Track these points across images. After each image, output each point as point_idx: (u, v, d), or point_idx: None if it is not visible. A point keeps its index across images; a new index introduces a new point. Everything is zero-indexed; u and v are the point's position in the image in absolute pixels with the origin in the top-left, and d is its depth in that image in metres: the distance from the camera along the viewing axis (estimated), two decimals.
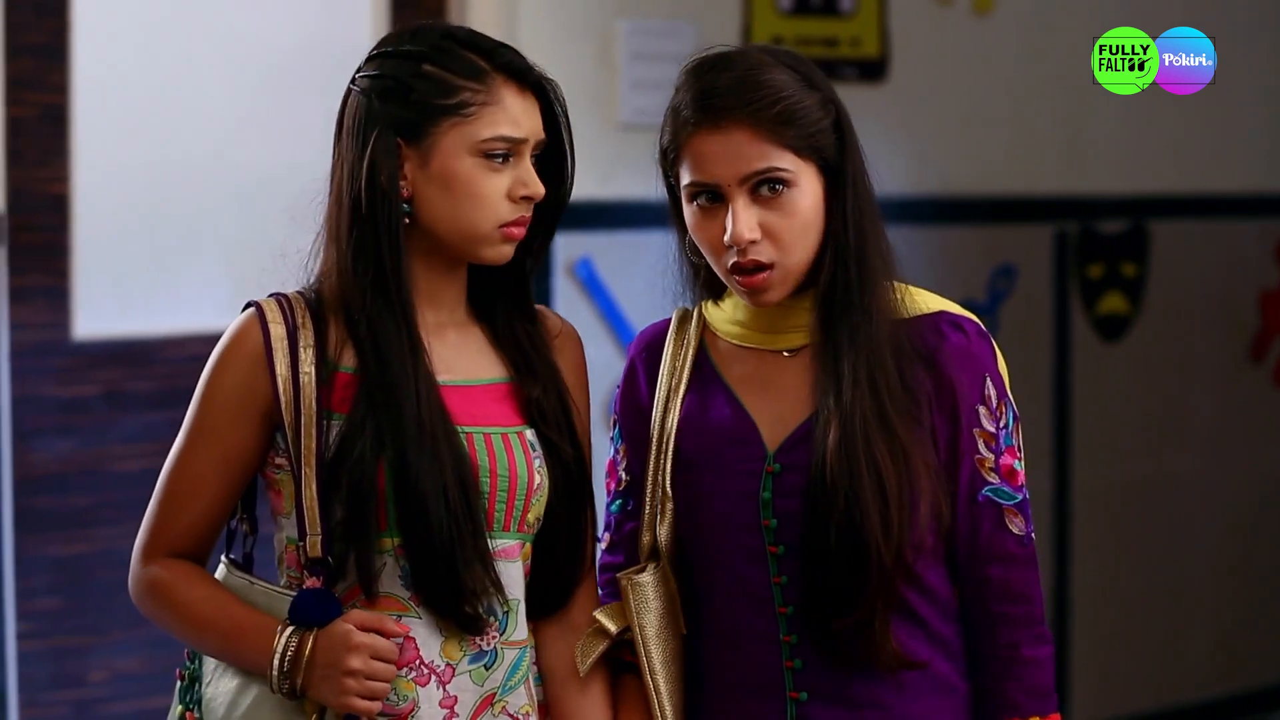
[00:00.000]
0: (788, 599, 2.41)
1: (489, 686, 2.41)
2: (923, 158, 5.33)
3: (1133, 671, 5.82)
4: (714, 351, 2.51)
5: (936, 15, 5.33)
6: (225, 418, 2.39)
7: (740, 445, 2.44)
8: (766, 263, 2.39)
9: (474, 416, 2.41)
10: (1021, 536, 2.43)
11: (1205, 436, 5.95)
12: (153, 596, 2.42)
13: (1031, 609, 2.44)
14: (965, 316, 2.46)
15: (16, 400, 4.27)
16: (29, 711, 4.31)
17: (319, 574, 2.34)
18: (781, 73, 2.40)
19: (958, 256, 5.39)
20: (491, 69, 2.39)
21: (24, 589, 4.25)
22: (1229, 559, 6.02)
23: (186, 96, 4.46)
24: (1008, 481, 2.43)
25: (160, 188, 4.44)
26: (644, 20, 4.81)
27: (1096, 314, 5.68)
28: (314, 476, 2.34)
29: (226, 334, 2.41)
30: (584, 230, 4.73)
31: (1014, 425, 2.44)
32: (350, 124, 2.40)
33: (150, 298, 4.41)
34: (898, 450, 2.36)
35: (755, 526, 2.42)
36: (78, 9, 4.32)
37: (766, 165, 2.37)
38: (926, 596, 2.43)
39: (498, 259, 2.42)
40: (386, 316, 2.36)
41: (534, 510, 2.43)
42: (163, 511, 2.43)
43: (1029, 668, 2.44)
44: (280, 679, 2.32)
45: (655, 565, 2.48)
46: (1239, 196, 5.98)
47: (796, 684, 2.42)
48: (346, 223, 2.38)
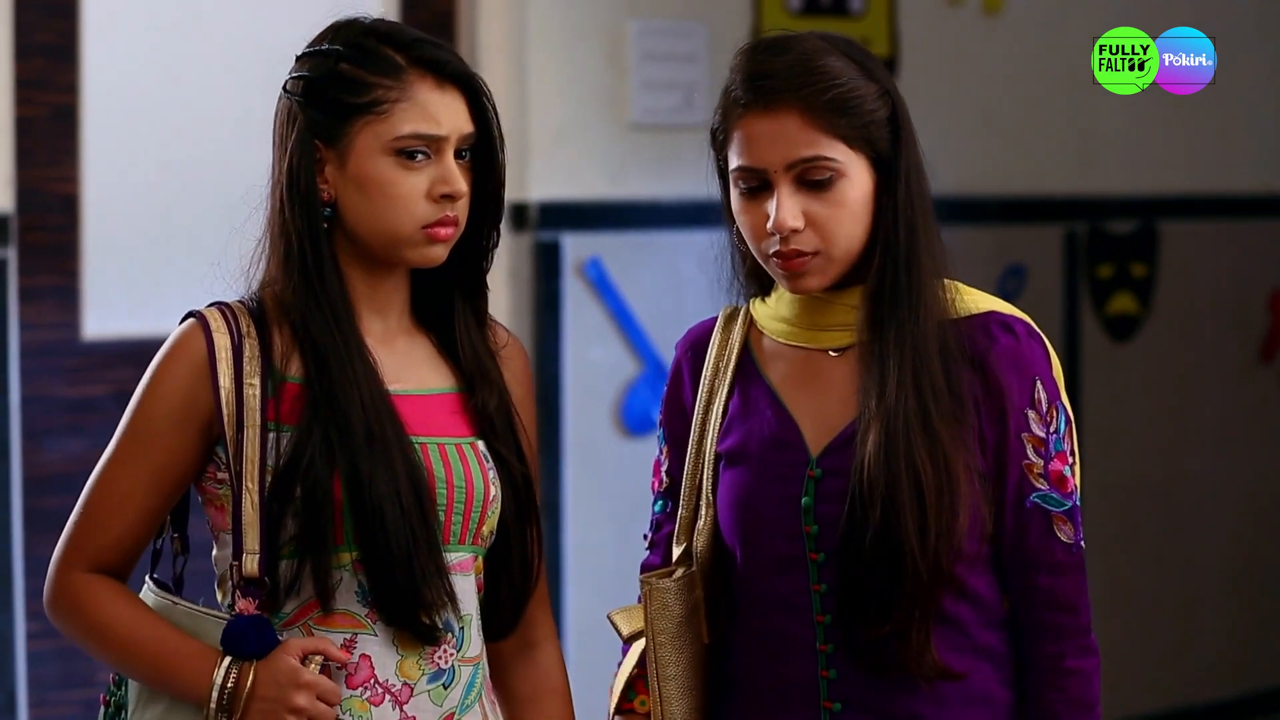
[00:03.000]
0: (826, 607, 2.35)
1: (448, 706, 2.33)
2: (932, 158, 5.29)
3: (1142, 671, 5.82)
4: (758, 350, 2.45)
5: (946, 15, 5.33)
6: (161, 428, 2.30)
7: (782, 449, 2.38)
8: (809, 251, 2.34)
9: (426, 426, 2.33)
10: (1070, 544, 2.36)
11: (1215, 437, 5.94)
12: (74, 611, 2.31)
13: (1078, 619, 2.37)
14: (1016, 317, 2.39)
15: (26, 400, 4.27)
16: (38, 711, 4.31)
17: (254, 595, 2.26)
18: (839, 60, 2.34)
19: (967, 256, 5.35)
20: (407, 64, 2.30)
21: (33, 589, 4.26)
22: (1238, 559, 6.02)
23: (196, 97, 4.46)
24: (1057, 488, 2.36)
25: (170, 188, 4.44)
26: (654, 20, 4.80)
27: (1106, 314, 5.68)
28: (255, 490, 2.26)
29: (167, 343, 2.33)
30: (594, 230, 4.73)
31: (1066, 430, 2.37)
32: (276, 127, 2.36)
33: (160, 298, 4.41)
34: (939, 455, 2.30)
35: (796, 532, 2.36)
36: (87, 9, 4.32)
37: (815, 153, 2.32)
38: (970, 603, 2.37)
39: (425, 261, 2.33)
40: (320, 323, 2.29)
41: (488, 523, 2.36)
42: (88, 522, 2.31)
43: (1072, 678, 2.36)
44: (218, 712, 2.23)
45: (686, 569, 2.42)
46: (1249, 197, 5.97)
47: (831, 694, 2.36)
48: (277, 228, 2.33)
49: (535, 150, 4.64)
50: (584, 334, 4.75)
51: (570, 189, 4.68)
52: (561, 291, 4.69)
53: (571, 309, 4.71)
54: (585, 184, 4.76)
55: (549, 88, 4.69)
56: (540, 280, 4.67)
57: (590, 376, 4.73)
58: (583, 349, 4.75)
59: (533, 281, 4.67)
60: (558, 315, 4.69)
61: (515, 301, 4.66)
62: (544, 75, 4.70)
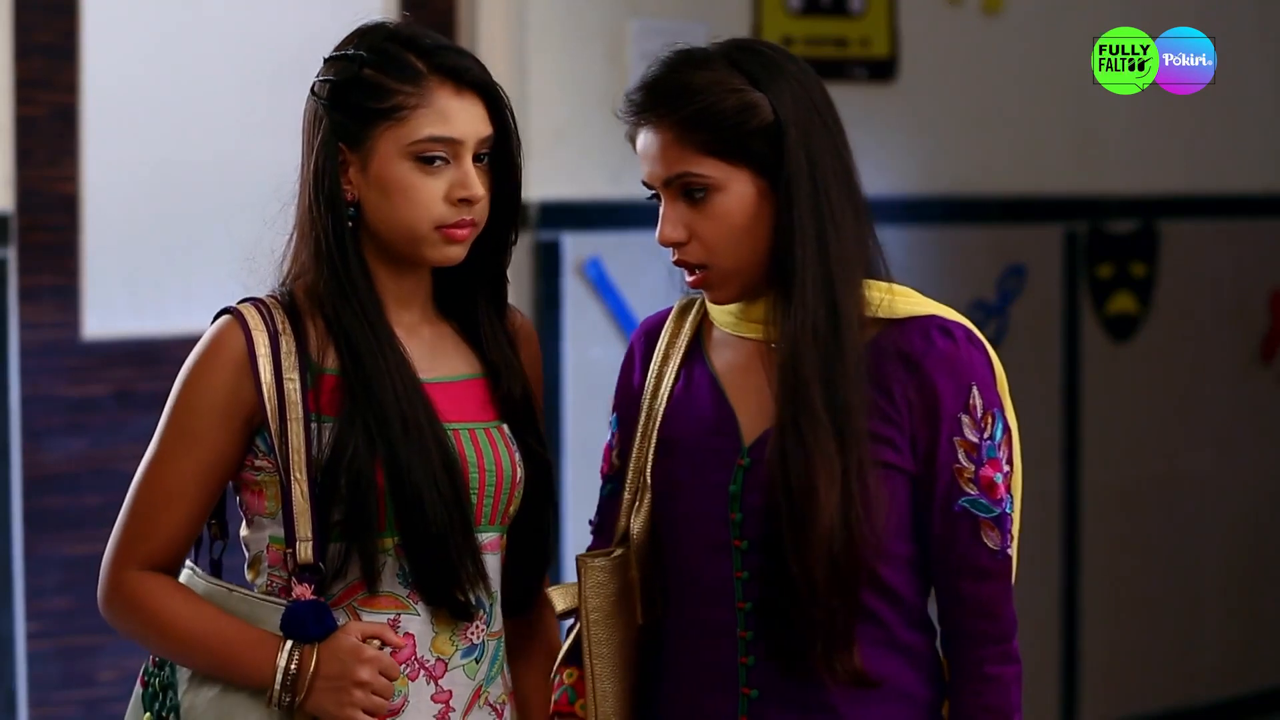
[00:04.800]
0: (747, 594, 2.38)
1: (478, 679, 2.42)
2: (932, 158, 5.33)
3: (1143, 672, 5.82)
4: (708, 340, 2.49)
5: (946, 15, 5.33)
6: (207, 424, 2.36)
7: (718, 436, 2.42)
8: (696, 264, 2.38)
9: (457, 413, 2.42)
10: (996, 551, 2.37)
11: (1215, 437, 5.94)
12: (132, 610, 2.38)
13: (1000, 626, 2.38)
14: (957, 322, 2.40)
15: (27, 400, 4.27)
16: (38, 711, 4.31)
17: (309, 581, 2.33)
18: (713, 73, 2.36)
19: (967, 256, 5.38)
20: (428, 70, 2.37)
21: (34, 588, 4.26)
22: (1239, 559, 6.02)
23: (196, 96, 4.46)
24: (986, 494, 2.36)
25: (170, 187, 4.44)
26: (655, 20, 4.81)
27: (1106, 314, 5.68)
28: (305, 480, 2.33)
29: (205, 341, 2.39)
30: (594, 230, 4.73)
31: (1004, 438, 2.38)
32: (304, 128, 2.42)
33: (160, 297, 4.41)
34: (850, 453, 2.32)
35: (724, 519, 2.39)
36: (87, 9, 4.32)
37: (683, 170, 2.35)
38: (890, 601, 2.39)
39: (444, 260, 2.40)
40: (351, 316, 2.36)
41: (515, 503, 2.45)
42: (139, 522, 2.38)
43: (990, 684, 2.38)
44: (282, 693, 2.31)
45: (623, 550, 2.47)
46: (1249, 196, 5.97)
47: (750, 680, 2.40)
48: (306, 225, 2.40)
49: (535, 150, 4.64)
50: (584, 334, 4.75)
51: (570, 189, 4.68)
52: (561, 291, 4.69)
53: (571, 309, 4.71)
54: (585, 184, 4.76)
55: (549, 88, 4.69)
56: (540, 280, 4.68)
57: (590, 376, 4.73)
58: (583, 349, 4.75)
59: (533, 281, 4.68)
60: (558, 315, 4.70)
61: (515, 301, 4.62)
62: (544, 75, 4.70)
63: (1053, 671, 5.63)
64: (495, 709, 2.46)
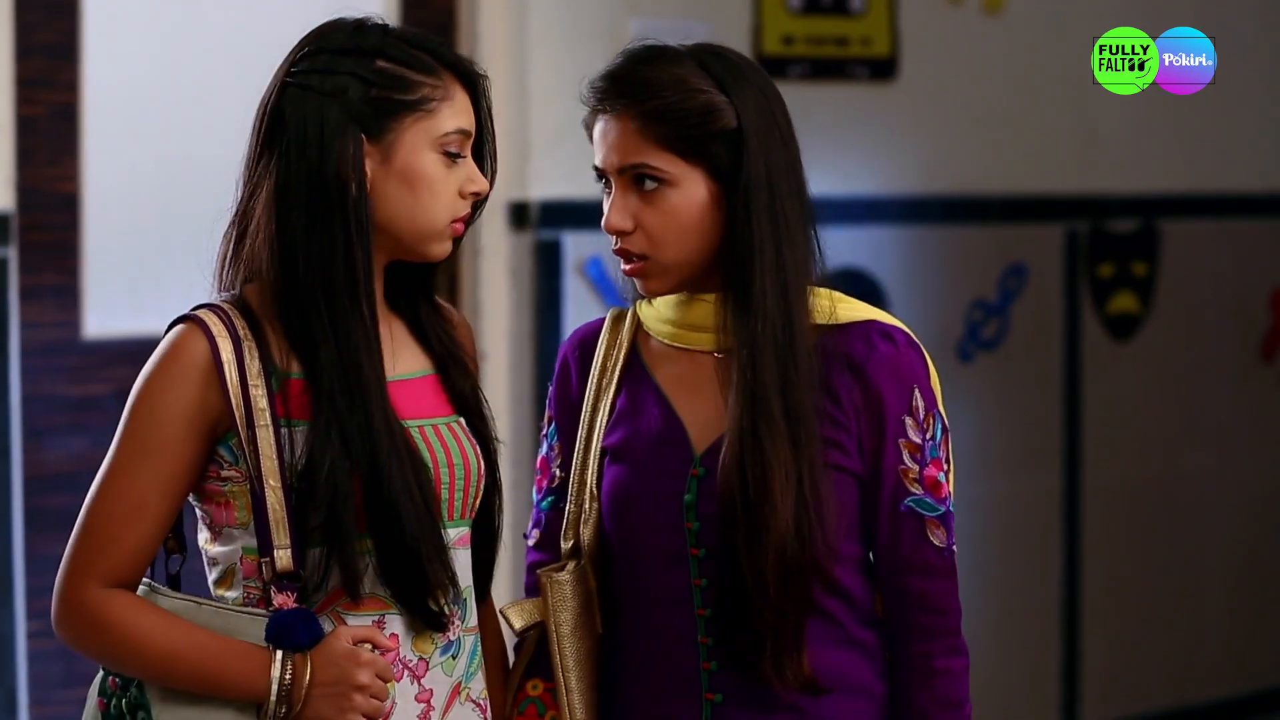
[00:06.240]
0: (706, 601, 2.41)
1: (456, 676, 2.40)
2: (933, 157, 5.33)
3: (1144, 671, 5.82)
4: (645, 351, 2.51)
5: (947, 14, 5.33)
6: (169, 434, 2.29)
7: (668, 446, 2.44)
8: (637, 253, 2.41)
9: (419, 409, 2.40)
10: (942, 548, 2.43)
11: (1216, 436, 5.94)
12: (97, 629, 2.28)
13: (948, 620, 2.44)
14: (896, 326, 2.45)
15: (27, 399, 4.27)
16: (38, 710, 4.31)
17: (290, 589, 2.28)
18: (679, 71, 2.40)
19: (968, 256, 5.38)
20: (441, 65, 2.37)
21: (34, 588, 4.26)
22: (1240, 558, 6.02)
23: (197, 95, 4.46)
24: (931, 493, 2.42)
25: (171, 186, 4.44)
26: (655, 19, 4.81)
27: (1107, 313, 5.68)
28: (279, 487, 2.28)
29: (164, 349, 2.32)
30: (594, 229, 4.71)
31: (943, 438, 2.44)
32: (297, 121, 2.35)
33: (161, 296, 4.41)
34: (804, 459, 2.35)
35: (679, 529, 2.42)
36: (88, 8, 4.33)
37: (639, 160, 2.39)
38: (843, 600, 2.44)
39: (441, 255, 2.40)
40: (354, 319, 2.31)
41: (480, 495, 2.43)
42: (98, 537, 2.29)
43: (940, 678, 2.44)
44: (278, 705, 2.25)
45: (576, 563, 2.48)
46: (1250, 196, 5.97)
47: (713, 685, 2.43)
48: (303, 223, 2.32)
49: (535, 149, 4.64)
50: None
51: (571, 188, 4.67)
52: (562, 290, 4.69)
53: (572, 308, 4.71)
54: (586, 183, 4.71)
55: (549, 87, 4.69)
56: (541, 279, 4.67)
57: None
58: None
59: (533, 280, 4.68)
60: (558, 314, 4.70)
61: (515, 300, 4.66)
62: (544, 75, 4.70)
63: (1053, 671, 5.63)
64: (479, 705, 2.44)
